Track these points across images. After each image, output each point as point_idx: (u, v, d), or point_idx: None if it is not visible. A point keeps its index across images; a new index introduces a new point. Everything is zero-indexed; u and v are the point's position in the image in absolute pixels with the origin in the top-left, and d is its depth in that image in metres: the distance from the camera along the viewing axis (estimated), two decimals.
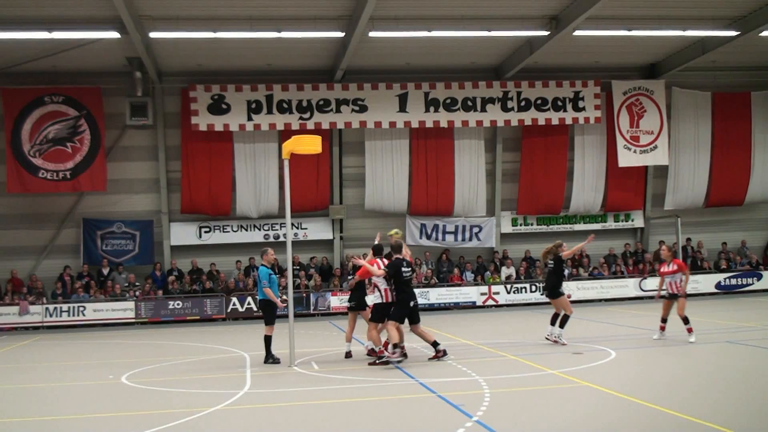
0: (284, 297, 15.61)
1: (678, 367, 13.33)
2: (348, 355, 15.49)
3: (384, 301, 14.76)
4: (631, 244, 30.96)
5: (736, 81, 30.79)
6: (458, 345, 17.22)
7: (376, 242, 15.77)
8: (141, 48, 23.46)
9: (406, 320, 14.70)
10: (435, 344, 14.82)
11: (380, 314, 14.81)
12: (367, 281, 15.67)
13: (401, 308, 14.58)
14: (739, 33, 25.19)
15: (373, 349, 15.18)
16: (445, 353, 14.79)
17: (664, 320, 16.77)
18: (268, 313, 15.39)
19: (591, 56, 28.08)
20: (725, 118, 30.59)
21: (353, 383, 12.88)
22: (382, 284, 14.76)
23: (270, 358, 15.28)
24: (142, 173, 28.08)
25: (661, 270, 17.17)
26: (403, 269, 14.59)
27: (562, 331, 16.35)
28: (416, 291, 20.81)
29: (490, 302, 27.86)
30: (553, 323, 16.53)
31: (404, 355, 14.69)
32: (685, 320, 16.28)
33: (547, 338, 16.56)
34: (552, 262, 16.72)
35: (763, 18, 24.12)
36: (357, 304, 15.84)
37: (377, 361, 14.47)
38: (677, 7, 23.61)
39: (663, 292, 17.10)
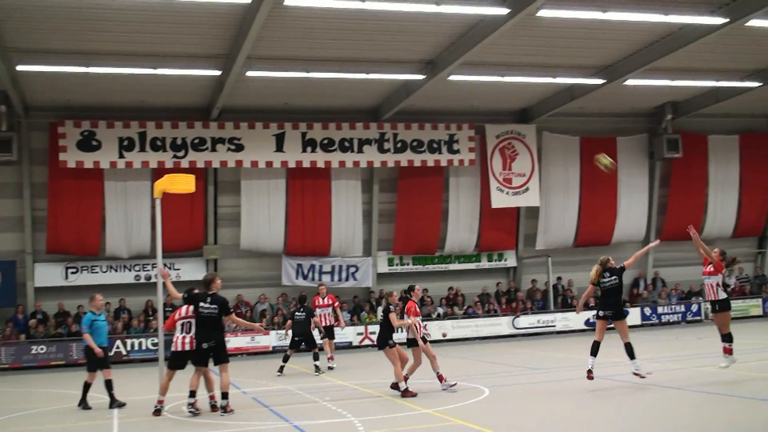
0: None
1: (551, 403, 13.53)
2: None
3: (175, 349, 13.98)
4: (504, 283, 31.60)
5: (603, 127, 32.07)
6: (333, 386, 17.06)
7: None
8: (7, 81, 22.59)
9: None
10: (192, 394, 13.68)
11: (174, 361, 14.10)
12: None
13: (195, 351, 13.82)
14: (605, 81, 26.32)
15: (397, 384, 14.99)
16: (191, 408, 13.54)
17: None
18: (89, 360, 15.26)
19: (465, 100, 28.72)
20: (592, 161, 31.64)
21: (226, 428, 12.52)
22: (178, 331, 13.99)
23: (83, 403, 15.09)
24: (5, 211, 26.79)
25: None
26: (202, 305, 13.67)
27: (637, 361, 14.60)
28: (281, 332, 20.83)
29: (367, 342, 27.79)
30: (594, 354, 14.67)
31: (214, 408, 13.85)
32: None
33: (635, 373, 14.50)
34: (614, 277, 14.89)
35: (628, 67, 25.28)
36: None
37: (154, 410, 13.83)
38: (547, 56, 24.46)
39: None
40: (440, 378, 15.40)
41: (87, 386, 15.22)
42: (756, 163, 33.60)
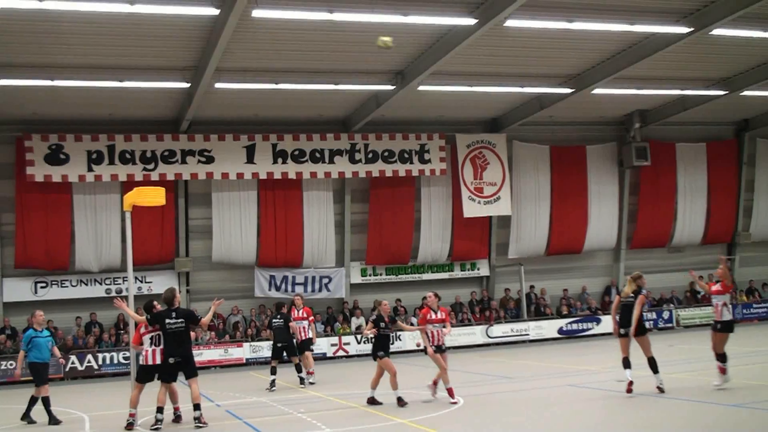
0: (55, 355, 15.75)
1: (525, 412, 13.55)
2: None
3: (145, 362, 13.90)
4: (478, 292, 31.65)
5: (572, 135, 32.28)
6: (308, 398, 16.99)
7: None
8: None
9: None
10: (160, 410, 13.56)
11: (142, 375, 14.00)
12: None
13: (162, 366, 13.79)
14: (573, 90, 26.50)
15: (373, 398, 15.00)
16: (158, 425, 13.46)
17: None
18: (36, 375, 15.37)
19: (436, 110, 28.80)
20: (563, 170, 31.95)
21: None
22: (147, 344, 13.87)
23: (52, 419, 15.07)
24: None
25: None
26: (168, 321, 13.67)
27: (660, 375, 14.29)
28: (258, 344, 20.56)
29: (341, 353, 27.73)
30: (627, 366, 14.33)
31: (177, 419, 14.14)
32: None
33: (658, 387, 14.22)
34: (633, 295, 14.67)
35: (595, 77, 25.49)
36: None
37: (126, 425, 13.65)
38: (516, 65, 24.61)
39: None
40: (432, 386, 15.39)
41: (46, 401, 15.22)
42: (723, 170, 34.00)
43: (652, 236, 33.38)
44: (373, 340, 15.55)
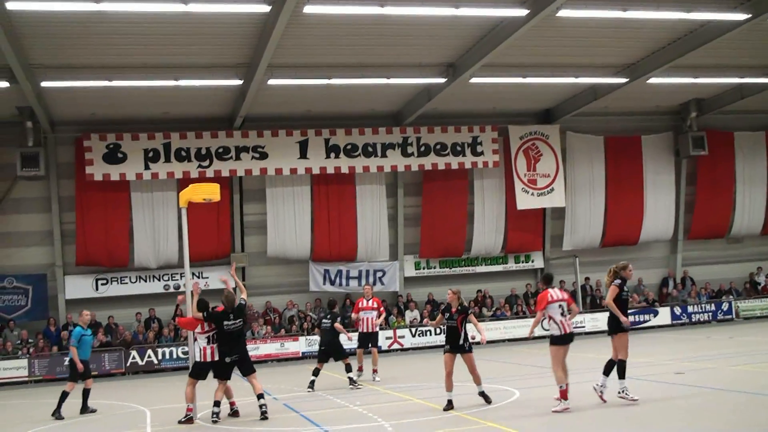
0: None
1: (581, 403, 13.45)
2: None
3: (203, 359, 14.03)
4: (533, 284, 31.45)
5: (627, 125, 31.84)
6: (363, 390, 17.09)
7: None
8: (32, 97, 22.76)
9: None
10: (217, 404, 13.88)
11: (196, 371, 14.17)
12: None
13: (218, 364, 14.02)
14: (628, 80, 26.15)
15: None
16: (216, 417, 13.78)
17: None
18: (71, 371, 16.39)
19: (488, 102, 28.66)
20: (618, 161, 31.55)
21: None
22: (203, 341, 14.01)
23: (57, 413, 15.87)
24: (34, 225, 27.07)
25: None
26: (227, 323, 13.87)
27: (603, 380, 13.20)
28: (313, 338, 20.57)
29: (396, 346, 27.81)
30: (606, 373, 13.24)
31: (234, 414, 14.44)
32: None
33: (595, 389, 13.33)
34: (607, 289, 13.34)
35: (651, 66, 25.10)
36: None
37: (183, 419, 13.93)
38: (569, 56, 24.36)
39: None
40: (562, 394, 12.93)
41: (65, 395, 16.01)
42: None
43: (710, 227, 32.80)
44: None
